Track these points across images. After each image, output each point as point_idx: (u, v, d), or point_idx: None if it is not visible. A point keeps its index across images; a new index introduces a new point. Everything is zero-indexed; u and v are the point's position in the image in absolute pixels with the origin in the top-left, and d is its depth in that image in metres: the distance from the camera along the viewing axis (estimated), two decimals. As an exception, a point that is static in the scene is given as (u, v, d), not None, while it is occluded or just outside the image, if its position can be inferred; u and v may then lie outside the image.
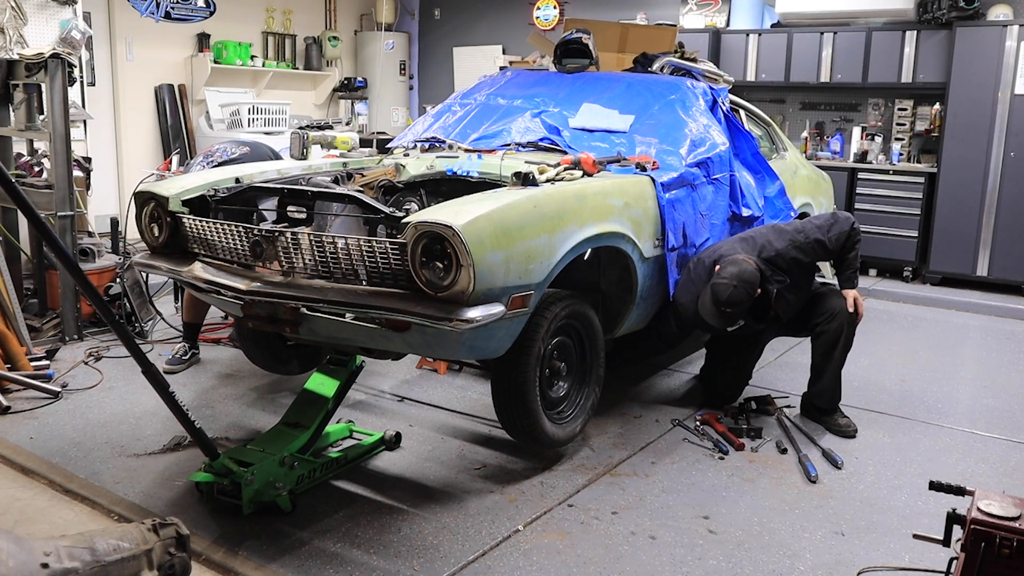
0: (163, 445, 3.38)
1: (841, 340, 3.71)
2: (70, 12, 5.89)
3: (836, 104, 7.67)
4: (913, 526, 2.69)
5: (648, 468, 3.30)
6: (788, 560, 2.66)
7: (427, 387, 4.17)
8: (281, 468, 2.86)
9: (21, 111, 4.91)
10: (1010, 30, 6.28)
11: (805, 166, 5.84)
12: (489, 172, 3.64)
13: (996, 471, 3.39)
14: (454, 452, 3.42)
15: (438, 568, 2.56)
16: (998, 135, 6.42)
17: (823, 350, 3.75)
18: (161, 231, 3.39)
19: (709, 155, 3.98)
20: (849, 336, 3.72)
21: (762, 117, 5.52)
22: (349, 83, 9.49)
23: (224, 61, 8.21)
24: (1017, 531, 1.85)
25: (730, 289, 3.44)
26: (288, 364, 3.92)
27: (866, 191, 7.11)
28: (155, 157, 7.87)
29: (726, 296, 3.44)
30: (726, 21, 7.81)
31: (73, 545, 1.90)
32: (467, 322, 2.62)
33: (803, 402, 3.91)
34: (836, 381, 3.76)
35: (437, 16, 9.90)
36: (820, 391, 3.79)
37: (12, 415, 3.66)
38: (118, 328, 2.53)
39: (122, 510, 2.85)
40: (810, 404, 3.85)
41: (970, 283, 6.73)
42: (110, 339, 4.69)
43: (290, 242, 2.94)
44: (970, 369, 4.82)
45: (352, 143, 4.43)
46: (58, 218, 4.53)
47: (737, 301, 3.45)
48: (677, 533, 2.81)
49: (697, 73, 4.65)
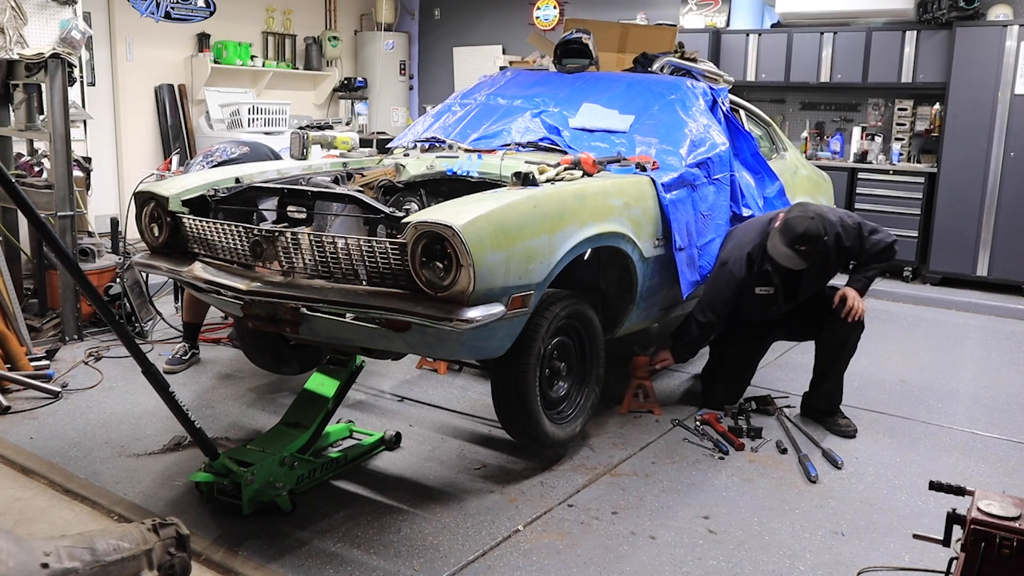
0: (163, 445, 3.38)
1: (847, 345, 3.71)
2: (70, 12, 5.89)
3: (836, 104, 7.67)
4: (913, 526, 2.69)
5: (648, 468, 3.30)
6: (788, 560, 2.66)
7: (427, 387, 4.17)
8: (281, 468, 2.86)
9: (21, 111, 4.91)
10: (1010, 30, 6.28)
11: (805, 166, 5.84)
12: (489, 172, 3.64)
13: (996, 471, 3.39)
14: (454, 452, 3.42)
15: (438, 568, 2.56)
16: (998, 135, 6.42)
17: (827, 353, 3.75)
18: (161, 231, 3.39)
19: (709, 155, 3.98)
20: (855, 341, 3.71)
21: (762, 117, 5.52)
22: (349, 83, 9.49)
23: (224, 61, 8.21)
24: (1017, 531, 1.85)
25: (807, 221, 3.46)
26: (288, 364, 3.92)
27: (866, 191, 7.11)
28: (155, 157, 7.87)
29: (803, 229, 3.45)
30: (726, 21, 7.81)
31: (73, 545, 1.90)
32: (467, 322, 2.62)
33: (803, 402, 3.91)
34: (838, 384, 3.76)
35: (437, 16, 9.90)
36: (821, 394, 3.79)
37: (12, 415, 3.66)
38: (118, 328, 2.53)
39: (122, 510, 2.85)
40: (811, 405, 3.85)
41: (970, 283, 6.73)
42: (110, 339, 4.69)
43: (290, 242, 2.94)
44: (970, 369, 4.82)
45: (352, 143, 4.43)
46: (58, 218, 4.53)
47: (814, 235, 3.45)
48: (677, 533, 2.81)
49: (697, 73, 4.65)
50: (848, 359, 3.74)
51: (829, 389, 3.76)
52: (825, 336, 3.76)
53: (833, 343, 3.73)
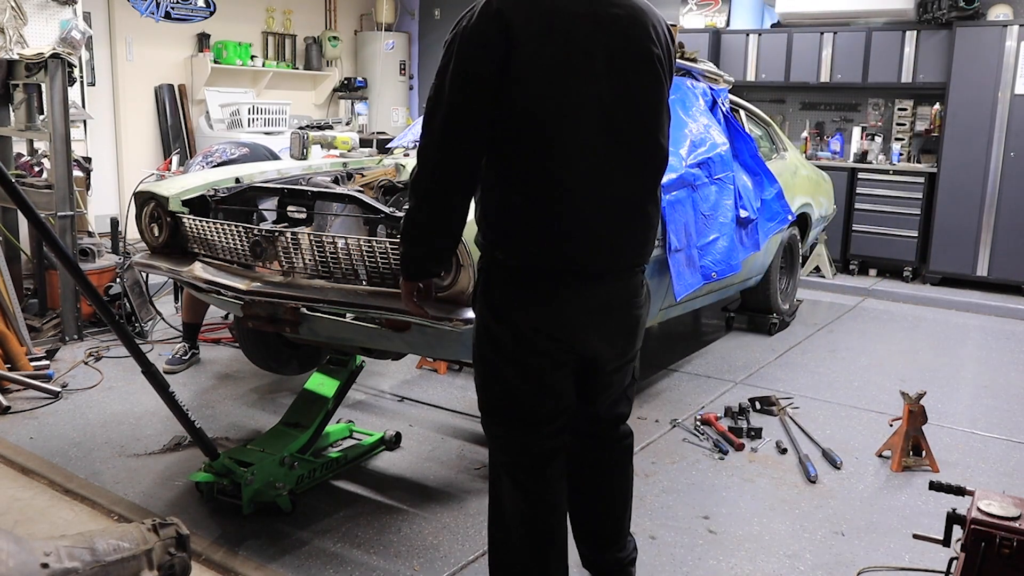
0: (163, 445, 3.38)
1: None
2: (70, 12, 5.89)
3: (836, 104, 7.67)
4: (913, 526, 2.69)
5: (648, 468, 3.30)
6: (788, 560, 2.66)
7: (427, 387, 4.17)
8: (281, 468, 2.86)
9: (21, 111, 4.91)
10: (1010, 30, 6.28)
11: (805, 166, 5.84)
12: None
13: (996, 471, 3.39)
14: (454, 452, 3.42)
15: (438, 568, 2.56)
16: (998, 135, 6.42)
17: None
18: (161, 231, 3.39)
19: (709, 155, 3.98)
20: None
21: (762, 117, 5.52)
22: (349, 83, 9.49)
23: (224, 61, 8.21)
24: (1017, 531, 1.85)
25: None
26: (288, 364, 3.92)
27: (866, 191, 7.11)
28: (155, 157, 7.86)
29: None
30: (726, 21, 7.81)
31: (73, 545, 1.90)
32: (467, 322, 2.62)
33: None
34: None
35: (437, 16, 9.90)
36: None
37: (12, 415, 3.66)
38: (118, 328, 2.53)
39: (122, 510, 2.85)
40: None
41: (970, 283, 6.73)
42: (110, 339, 4.69)
43: (290, 242, 2.94)
44: (970, 369, 4.82)
45: (352, 143, 4.43)
46: (58, 218, 4.52)
47: None
48: (677, 533, 2.80)
49: (697, 73, 4.65)
50: None
51: None
52: None
53: None
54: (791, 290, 5.65)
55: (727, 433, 3.59)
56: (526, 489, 2.06)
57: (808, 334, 5.36)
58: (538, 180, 1.89)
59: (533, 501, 2.07)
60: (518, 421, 2.04)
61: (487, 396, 2.08)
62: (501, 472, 2.10)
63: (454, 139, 1.86)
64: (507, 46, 1.81)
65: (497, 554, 2.15)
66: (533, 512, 2.08)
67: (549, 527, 2.10)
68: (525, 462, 2.06)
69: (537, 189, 1.89)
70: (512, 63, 1.82)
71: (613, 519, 2.30)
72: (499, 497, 2.12)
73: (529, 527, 2.08)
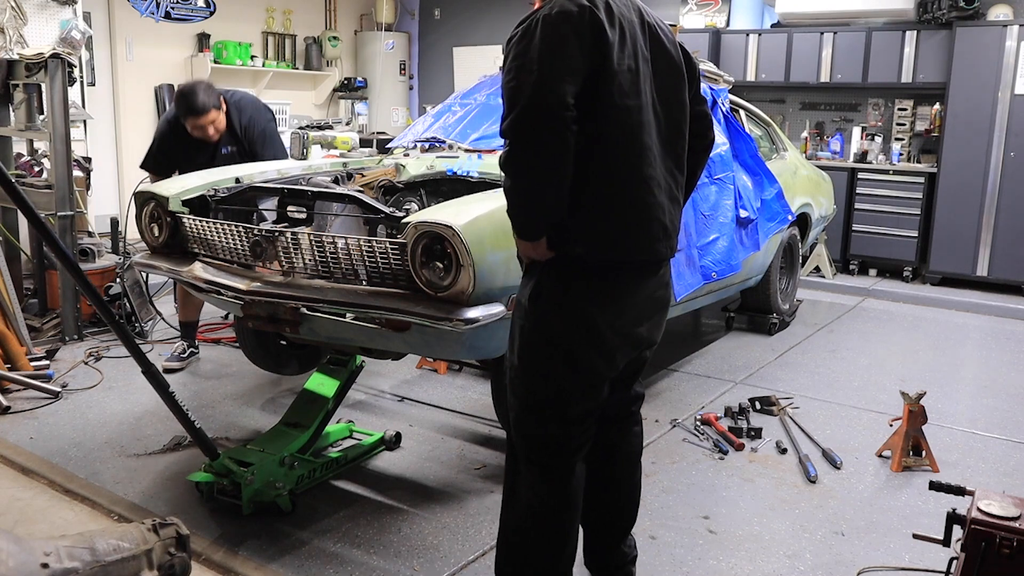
0: (163, 445, 3.38)
1: None
2: (70, 12, 5.89)
3: (836, 104, 7.67)
4: (913, 526, 2.69)
5: (648, 468, 3.30)
6: (788, 560, 2.66)
7: (427, 387, 4.17)
8: (281, 468, 2.86)
9: (21, 111, 4.91)
10: (1010, 30, 6.28)
11: (805, 166, 5.84)
12: (489, 172, 3.64)
13: (996, 471, 3.39)
14: (454, 452, 3.42)
15: (438, 568, 2.56)
16: (998, 135, 6.42)
17: None
18: (161, 231, 3.39)
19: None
20: None
21: (762, 117, 5.52)
22: (349, 83, 9.49)
23: (224, 61, 8.21)
24: (1017, 531, 1.85)
25: None
26: (288, 364, 3.92)
27: (866, 191, 7.11)
28: (155, 157, 7.86)
29: None
30: (726, 21, 7.81)
31: (73, 545, 1.90)
32: (467, 322, 2.62)
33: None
34: None
35: (437, 16, 9.90)
36: None
37: (12, 415, 3.66)
38: (118, 328, 2.53)
39: (122, 510, 2.85)
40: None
41: (970, 283, 6.73)
42: (110, 339, 4.69)
43: (290, 242, 2.94)
44: (970, 369, 4.82)
45: (352, 143, 4.43)
46: (58, 218, 4.53)
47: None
48: (677, 533, 2.80)
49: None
50: None
51: None
52: None
53: None
54: (791, 290, 5.65)
55: (727, 433, 3.59)
56: (554, 485, 2.10)
57: (808, 334, 5.36)
58: (627, 176, 1.99)
59: (559, 496, 2.10)
60: (561, 420, 2.07)
61: (533, 397, 2.08)
62: (525, 467, 2.12)
63: (551, 90, 1.87)
64: (596, 40, 1.90)
65: (509, 544, 2.18)
66: (556, 506, 2.11)
67: (569, 521, 2.14)
68: (557, 460, 2.10)
69: (627, 184, 1.99)
70: (605, 59, 1.91)
71: (632, 505, 2.38)
72: (514, 488, 2.15)
73: (550, 521, 2.12)
